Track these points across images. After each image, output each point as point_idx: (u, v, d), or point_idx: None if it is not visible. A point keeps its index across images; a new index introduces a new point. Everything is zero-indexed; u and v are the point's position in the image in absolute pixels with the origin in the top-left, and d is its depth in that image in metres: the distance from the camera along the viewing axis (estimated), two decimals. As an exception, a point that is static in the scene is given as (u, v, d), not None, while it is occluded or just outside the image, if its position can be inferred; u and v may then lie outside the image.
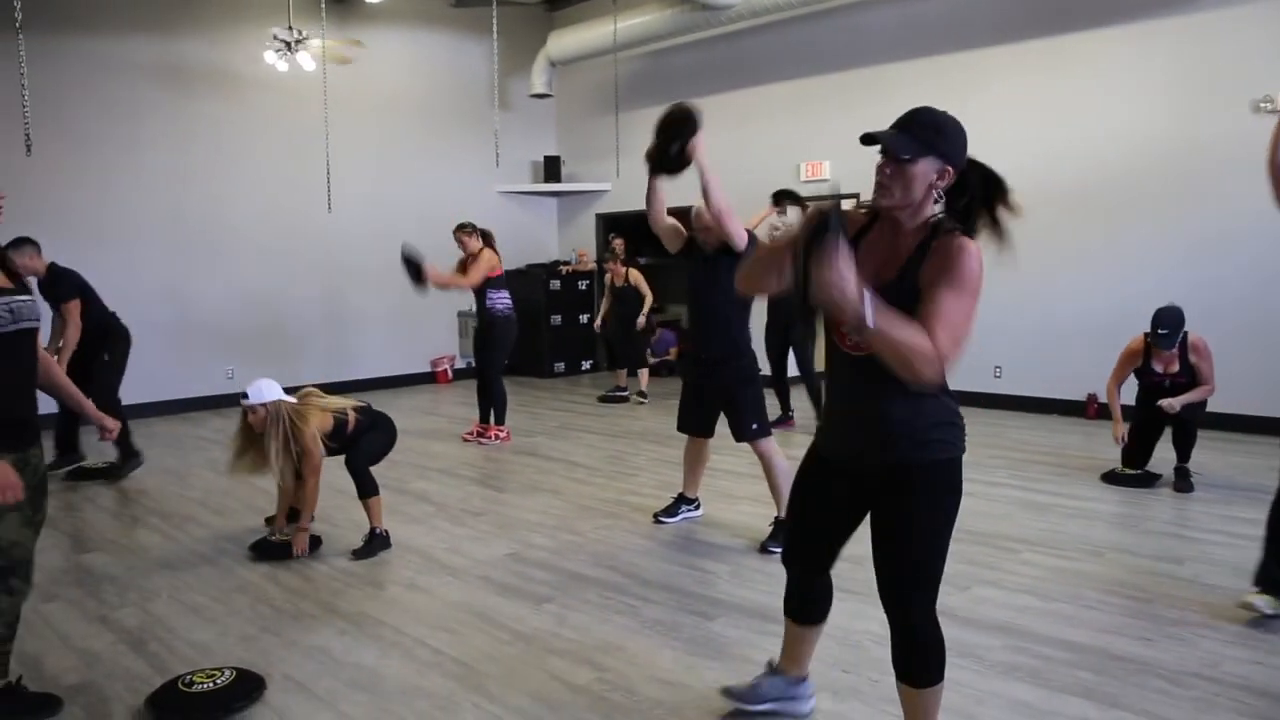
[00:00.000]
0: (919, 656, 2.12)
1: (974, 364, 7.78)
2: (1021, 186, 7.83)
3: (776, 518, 4.12)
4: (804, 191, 8.59)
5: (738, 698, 2.57)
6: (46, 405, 2.94)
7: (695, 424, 4.36)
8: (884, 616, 2.14)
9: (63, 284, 5.54)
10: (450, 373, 10.17)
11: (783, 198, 6.64)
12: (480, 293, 6.61)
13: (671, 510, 4.55)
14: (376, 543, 4.15)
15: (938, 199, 1.99)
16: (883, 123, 2.08)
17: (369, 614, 3.44)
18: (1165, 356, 4.99)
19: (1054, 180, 7.31)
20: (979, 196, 2.03)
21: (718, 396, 4.19)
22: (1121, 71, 6.99)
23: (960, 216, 2.01)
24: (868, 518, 2.17)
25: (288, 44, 7.37)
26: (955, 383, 2.10)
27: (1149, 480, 5.12)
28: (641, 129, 10.91)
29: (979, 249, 1.94)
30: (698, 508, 4.60)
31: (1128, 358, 5.16)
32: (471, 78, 10.35)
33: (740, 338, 4.17)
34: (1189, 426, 5.01)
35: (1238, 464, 5.47)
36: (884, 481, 2.08)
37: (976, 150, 2.09)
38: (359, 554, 4.08)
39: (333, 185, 8.17)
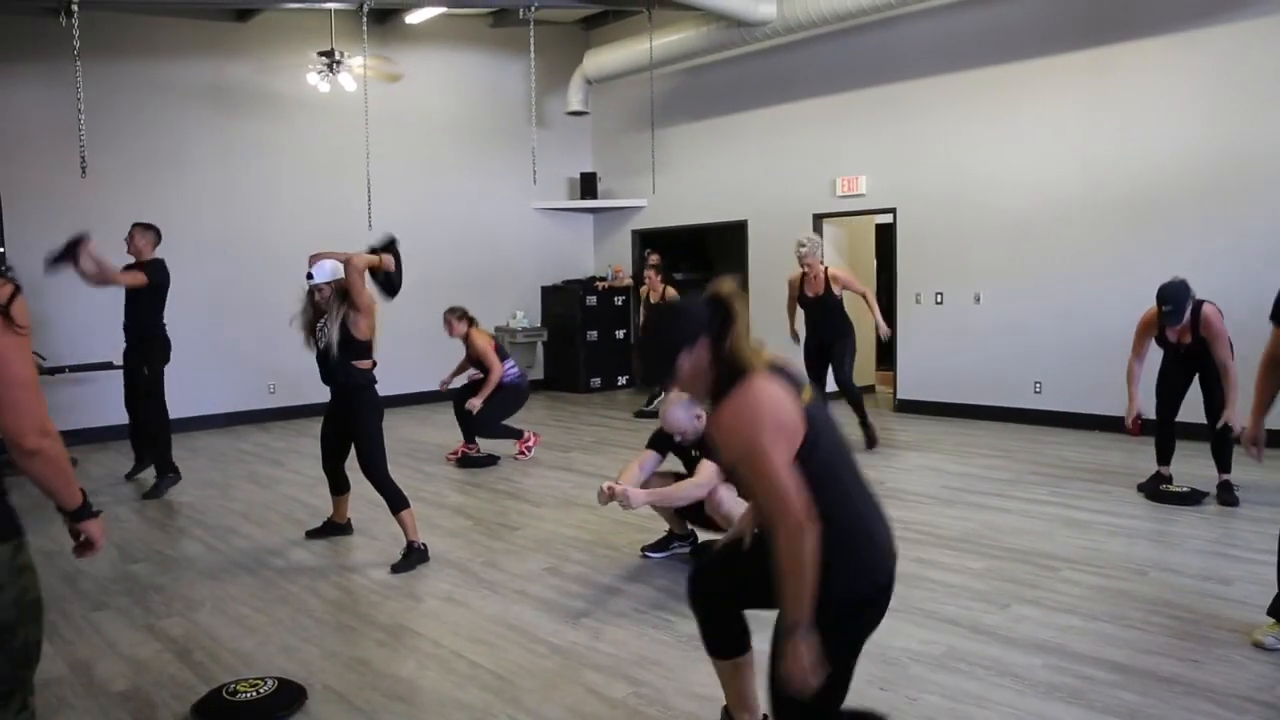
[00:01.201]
0: None
1: (1014, 380, 7.69)
2: (1063, 199, 7.86)
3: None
4: (838, 206, 8.57)
5: None
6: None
7: None
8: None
9: (150, 266, 5.72)
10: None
11: None
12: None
13: (663, 545, 4.35)
14: (415, 556, 4.20)
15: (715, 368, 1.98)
16: (920, 135, 2.08)
17: (407, 626, 3.48)
18: (1177, 329, 4.98)
19: (1095, 192, 7.23)
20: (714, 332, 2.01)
21: None
22: (1165, 81, 6.90)
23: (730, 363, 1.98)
24: None
25: (330, 65, 7.53)
26: (994, 399, 2.09)
27: (1196, 498, 5.02)
28: (677, 145, 11.05)
29: (726, 407, 1.90)
30: (690, 544, 4.35)
31: (1144, 330, 5.15)
32: (509, 96, 10.49)
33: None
34: (1217, 404, 4.96)
35: (1287, 482, 5.35)
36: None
37: (1015, 163, 2.09)
38: (398, 568, 4.12)
39: (373, 204, 8.31)
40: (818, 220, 9.12)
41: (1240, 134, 6.53)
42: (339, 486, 4.66)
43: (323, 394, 4.49)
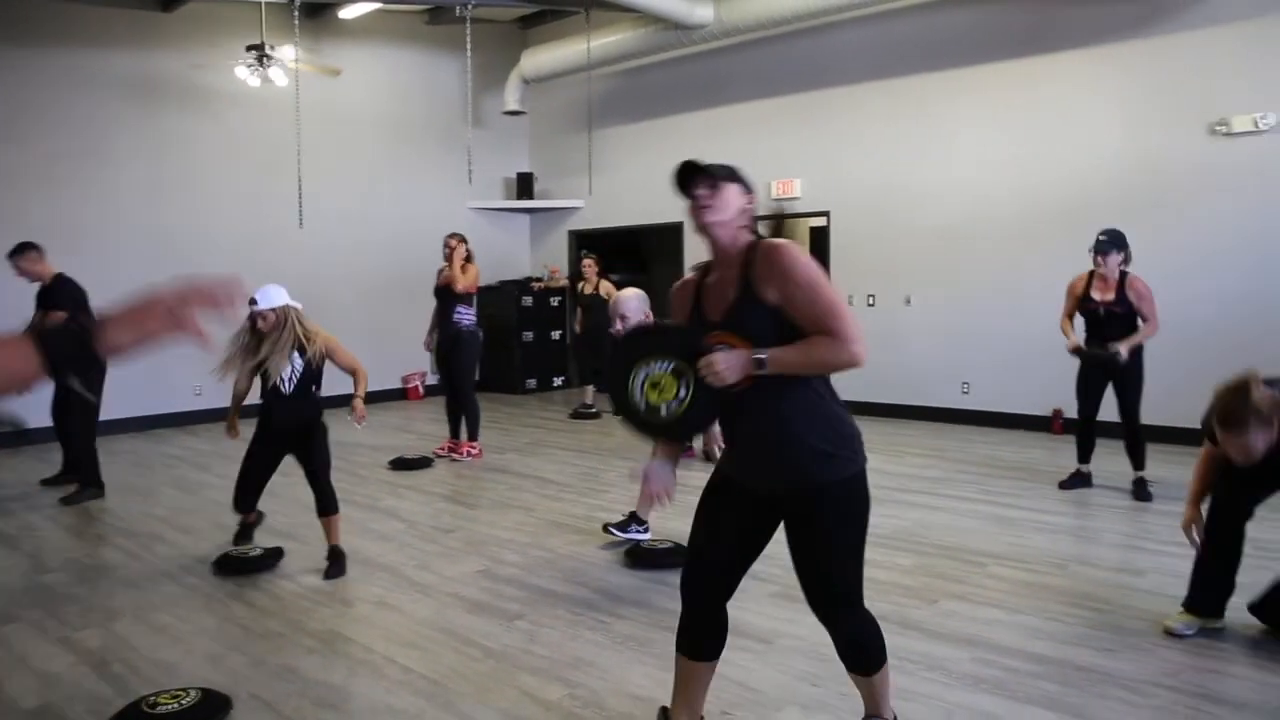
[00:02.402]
0: (863, 653, 2.25)
1: (943, 380, 7.88)
2: (990, 204, 8.05)
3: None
4: (774, 209, 8.67)
5: None
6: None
7: None
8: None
9: (59, 294, 5.48)
10: (422, 389, 10.12)
11: None
12: (448, 308, 6.61)
13: (623, 525, 4.45)
14: (342, 558, 4.12)
15: (748, 223, 2.21)
16: (854, 140, 2.14)
17: (338, 632, 3.41)
18: (1104, 282, 5.18)
19: (1021, 199, 7.46)
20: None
21: None
22: (1087, 93, 7.15)
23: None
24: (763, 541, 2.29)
25: (260, 59, 7.35)
26: (923, 399, 2.15)
27: (1109, 359, 5.18)
28: (615, 146, 11.06)
29: (792, 244, 2.13)
30: (646, 530, 4.46)
31: (1071, 291, 5.38)
32: (445, 94, 10.38)
33: None
34: (1130, 395, 5.20)
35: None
36: (794, 504, 2.15)
37: (946, 168, 2.18)
38: (330, 574, 4.04)
39: (305, 201, 8.15)
40: (753, 222, 9.20)
41: (1157, 145, 6.80)
42: (250, 507, 4.35)
43: (257, 395, 4.31)
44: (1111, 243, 5.17)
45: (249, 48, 7.37)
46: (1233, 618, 3.29)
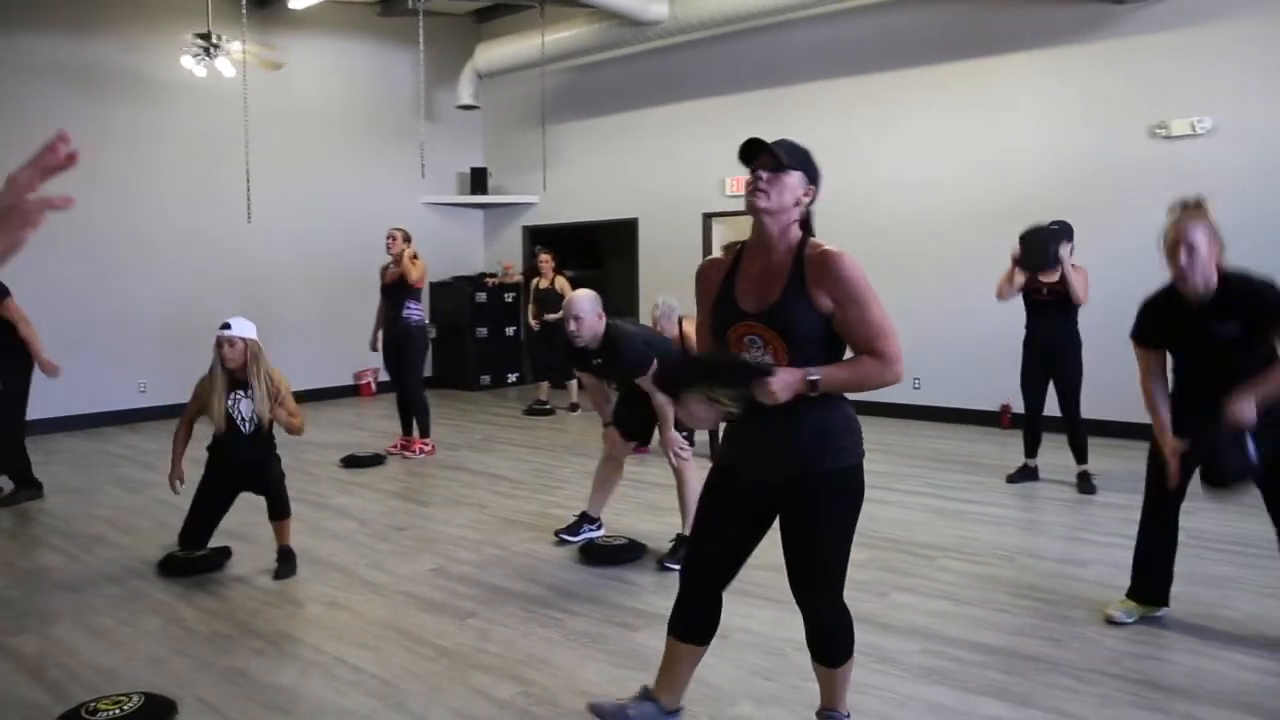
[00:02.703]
0: (834, 642, 2.28)
1: (894, 376, 7.98)
2: (941, 202, 8.15)
3: (679, 534, 4.14)
4: (728, 205, 8.74)
5: (603, 715, 2.46)
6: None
7: (633, 429, 4.35)
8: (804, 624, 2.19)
9: None
10: (374, 385, 10.00)
11: None
12: (397, 303, 6.52)
13: (574, 529, 4.44)
14: (292, 558, 4.05)
15: (801, 218, 2.15)
16: (807, 138, 2.16)
17: (287, 633, 3.36)
18: (1050, 269, 5.31)
19: (971, 197, 7.58)
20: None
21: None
22: (1035, 94, 7.29)
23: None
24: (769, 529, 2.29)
25: (206, 48, 7.18)
26: (875, 395, 2.18)
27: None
28: (569, 142, 11.02)
29: (848, 255, 2.10)
30: (600, 527, 4.48)
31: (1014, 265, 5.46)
32: (397, 87, 10.24)
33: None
34: (1072, 396, 5.35)
35: (1136, 470, 5.71)
36: (794, 491, 2.17)
37: (897, 167, 2.21)
38: (280, 574, 3.97)
39: (253, 195, 7.98)
40: (708, 219, 9.26)
41: (1100, 146, 6.96)
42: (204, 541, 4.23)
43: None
44: (1060, 232, 5.35)
45: (196, 36, 7.19)
46: (1173, 606, 3.38)
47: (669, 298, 6.15)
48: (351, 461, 6.34)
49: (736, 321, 2.15)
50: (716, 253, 2.38)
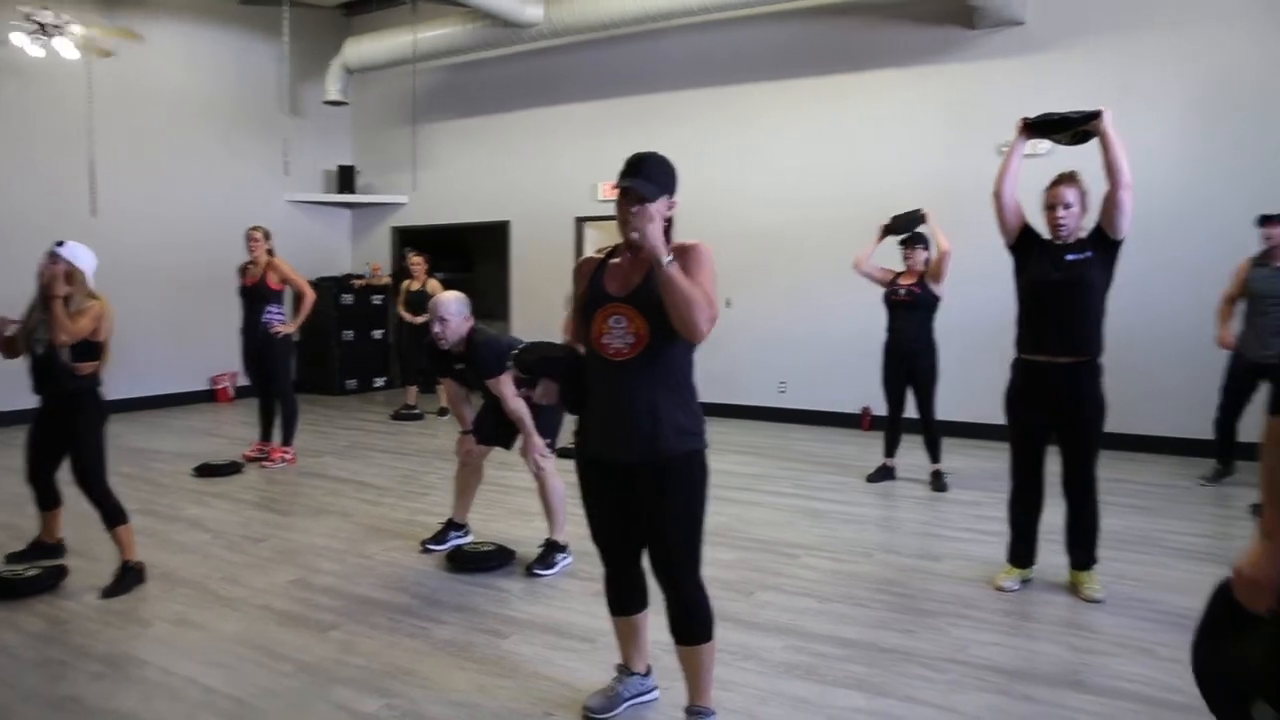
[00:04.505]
0: (691, 621, 2.43)
1: (761, 380, 8.20)
2: (806, 211, 8.42)
3: (548, 539, 4.13)
4: (601, 210, 8.77)
5: (599, 711, 2.66)
6: None
7: (490, 433, 4.29)
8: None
9: None
10: (232, 390, 9.52)
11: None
12: (258, 306, 6.23)
13: (440, 537, 4.37)
14: (130, 577, 3.80)
15: (667, 228, 2.36)
16: (679, 145, 2.18)
17: (131, 655, 3.15)
18: (910, 274, 5.69)
19: (831, 207, 7.87)
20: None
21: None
22: (894, 110, 7.65)
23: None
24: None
25: (42, 26, 6.68)
26: (743, 398, 2.23)
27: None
28: (441, 142, 10.82)
29: (705, 245, 2.35)
30: (467, 533, 4.44)
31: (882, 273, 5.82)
32: (261, 80, 9.81)
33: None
34: (928, 406, 5.66)
35: (986, 468, 6.07)
36: (644, 473, 2.36)
37: (766, 176, 2.29)
38: (110, 591, 3.71)
39: (99, 187, 7.47)
40: (580, 223, 9.27)
41: (952, 161, 7.35)
42: (48, 501, 4.14)
43: (29, 396, 3.94)
44: (917, 239, 5.70)
45: (28, 12, 6.67)
46: (1029, 590, 3.60)
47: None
48: (206, 470, 6.01)
49: (604, 303, 2.36)
50: (590, 254, 2.60)
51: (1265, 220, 5.47)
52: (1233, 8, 6.45)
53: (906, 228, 5.74)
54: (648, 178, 2.30)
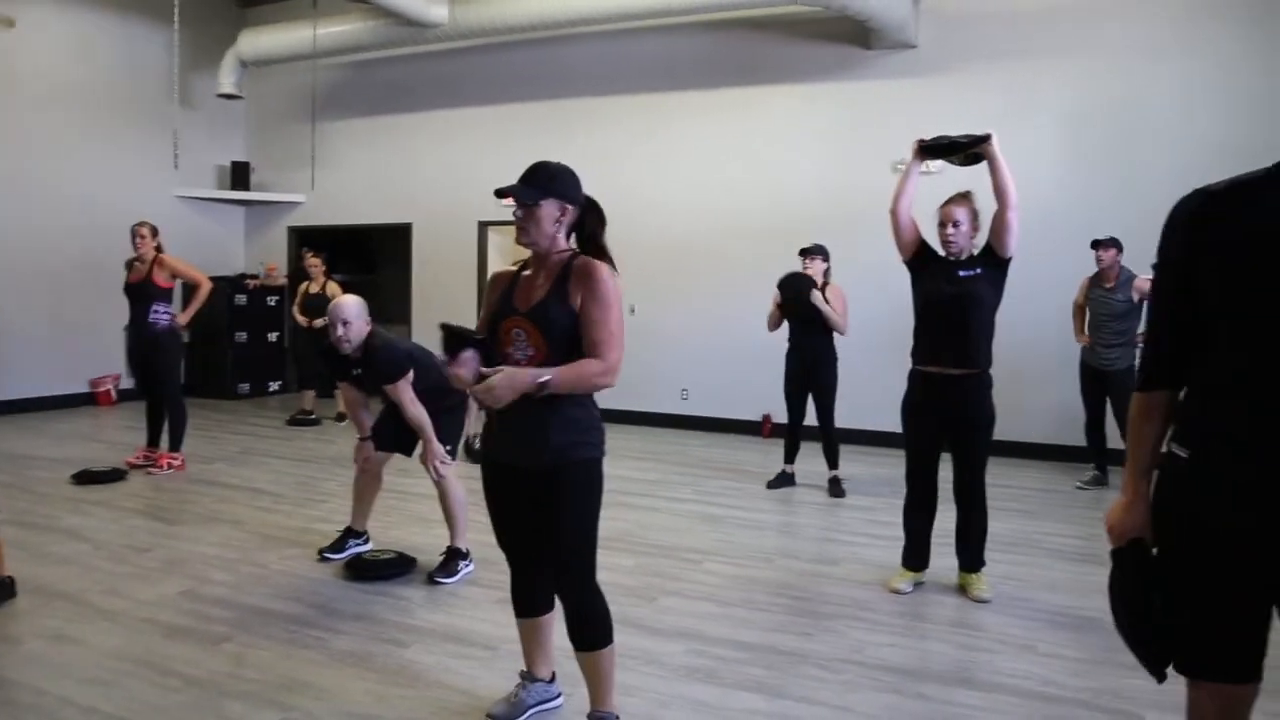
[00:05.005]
0: (588, 627, 2.45)
1: (664, 387, 8.28)
2: (709, 221, 8.54)
3: (450, 547, 4.09)
4: (504, 215, 8.69)
5: (503, 718, 2.65)
6: None
7: (390, 440, 4.22)
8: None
9: None
10: (114, 393, 9.07)
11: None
12: (143, 305, 5.96)
13: (339, 546, 4.28)
14: (1, 593, 3.59)
15: (568, 234, 2.44)
16: (585, 151, 2.22)
17: None
18: (812, 267, 5.80)
19: (736, 217, 8.03)
20: (590, 227, 2.48)
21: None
22: (794, 124, 7.87)
23: (589, 248, 2.46)
24: None
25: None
26: (646, 405, 2.28)
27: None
28: (341, 140, 10.58)
29: (607, 269, 2.37)
30: (366, 541, 4.37)
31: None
32: (149, 68, 9.39)
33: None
34: (829, 422, 5.82)
35: (881, 475, 6.29)
36: (542, 480, 2.38)
37: (670, 185, 2.35)
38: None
39: (-36, 175, 7.03)
40: (484, 227, 9.19)
41: (848, 176, 7.60)
42: None
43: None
44: (817, 251, 5.89)
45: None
46: (922, 592, 3.74)
47: None
48: (86, 478, 5.71)
49: (508, 316, 2.39)
50: (493, 260, 2.63)
51: (1096, 244, 5.89)
52: (1101, 41, 6.90)
53: (796, 294, 5.70)
54: (531, 183, 2.35)
